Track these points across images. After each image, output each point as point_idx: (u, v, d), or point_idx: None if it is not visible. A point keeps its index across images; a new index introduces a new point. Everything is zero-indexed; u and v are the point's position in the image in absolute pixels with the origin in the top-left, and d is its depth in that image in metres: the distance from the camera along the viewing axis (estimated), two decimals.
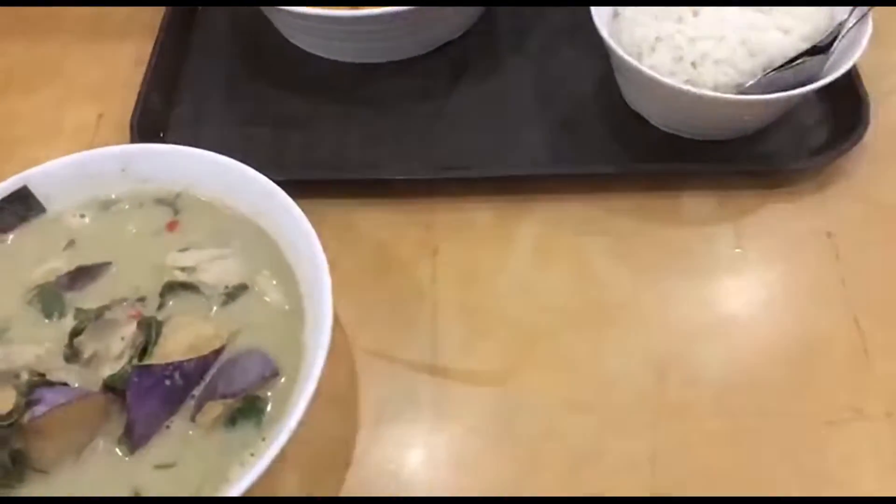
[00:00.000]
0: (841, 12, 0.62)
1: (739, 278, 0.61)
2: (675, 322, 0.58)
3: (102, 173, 0.57)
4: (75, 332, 0.49)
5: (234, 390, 0.48)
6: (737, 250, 0.62)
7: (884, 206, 0.63)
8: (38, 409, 0.45)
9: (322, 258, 0.50)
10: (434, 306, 0.59)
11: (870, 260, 0.60)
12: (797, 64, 0.60)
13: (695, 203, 0.64)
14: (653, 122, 0.66)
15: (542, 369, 0.56)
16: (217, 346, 0.49)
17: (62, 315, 0.51)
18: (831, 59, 0.61)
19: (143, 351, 0.49)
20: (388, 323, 0.59)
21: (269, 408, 0.48)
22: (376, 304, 0.60)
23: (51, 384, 0.47)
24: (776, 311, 0.59)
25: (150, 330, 0.50)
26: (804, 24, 0.61)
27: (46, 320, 0.51)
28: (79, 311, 0.51)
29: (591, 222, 0.63)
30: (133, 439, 0.46)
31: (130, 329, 0.50)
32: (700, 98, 0.59)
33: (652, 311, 0.59)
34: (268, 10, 0.70)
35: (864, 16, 0.61)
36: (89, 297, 0.52)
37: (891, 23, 0.66)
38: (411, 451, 0.54)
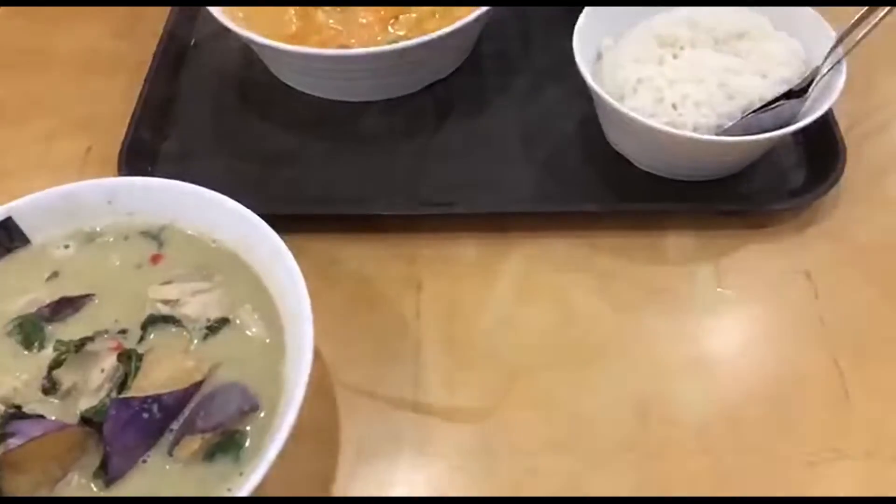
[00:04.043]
0: (817, 58, 0.64)
1: (720, 317, 0.61)
2: (657, 360, 0.58)
3: (88, 206, 0.57)
4: (54, 364, 0.49)
5: (213, 424, 0.47)
6: (718, 290, 0.62)
7: (861, 248, 0.64)
8: (13, 442, 0.44)
9: (304, 292, 0.50)
10: (417, 342, 0.60)
11: (848, 300, 0.61)
12: (774, 107, 0.61)
13: (676, 242, 0.65)
14: (635, 163, 0.67)
15: (523, 407, 0.56)
16: (197, 379, 0.49)
17: (42, 346, 0.51)
18: (808, 103, 0.63)
19: (123, 384, 0.49)
20: (371, 358, 0.59)
21: (247, 442, 0.48)
22: (359, 338, 0.60)
23: (26, 417, 0.47)
24: (756, 350, 0.59)
25: (130, 362, 0.50)
26: (781, 69, 0.63)
27: (26, 351, 0.51)
28: (59, 342, 0.50)
29: (574, 260, 0.64)
30: (109, 473, 0.46)
31: (111, 361, 0.50)
32: (680, 139, 0.60)
33: (633, 350, 0.59)
34: (257, 48, 0.72)
35: (838, 62, 0.62)
36: (70, 329, 0.52)
37: (866, 70, 0.68)
38: (391, 489, 0.53)
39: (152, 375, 0.49)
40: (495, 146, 0.70)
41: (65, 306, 0.53)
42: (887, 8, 0.62)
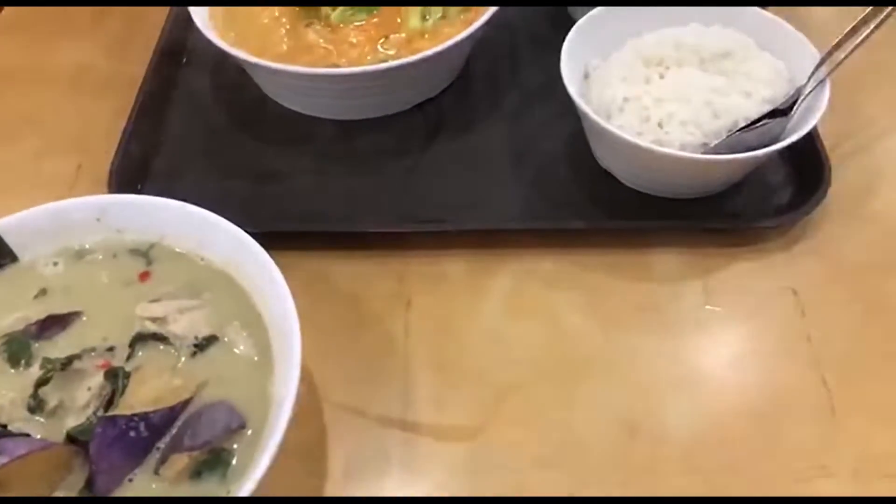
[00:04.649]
0: (800, 78, 0.65)
1: (708, 335, 0.61)
2: (645, 378, 0.58)
3: (77, 223, 0.57)
4: (41, 382, 0.49)
5: (200, 442, 0.47)
6: (706, 307, 0.62)
7: (847, 265, 0.64)
8: None
9: (292, 309, 0.50)
10: (406, 359, 0.60)
11: (834, 317, 0.61)
12: (759, 126, 0.62)
13: (664, 260, 0.65)
14: (622, 180, 0.68)
15: (512, 424, 0.56)
16: (184, 397, 0.49)
17: (29, 364, 0.51)
18: (792, 121, 0.64)
19: (110, 402, 0.49)
20: (360, 376, 0.59)
21: (234, 461, 0.48)
22: (348, 356, 0.60)
23: (12, 435, 0.46)
24: (744, 368, 0.60)
25: (117, 380, 0.49)
26: (765, 89, 0.64)
27: (12, 370, 0.51)
28: (46, 360, 0.50)
29: (562, 277, 0.64)
30: (94, 492, 0.46)
31: (98, 379, 0.50)
32: (667, 157, 0.61)
33: (622, 367, 0.59)
34: (248, 67, 0.72)
35: (821, 81, 0.63)
36: (58, 347, 0.52)
37: (849, 89, 0.69)
38: None
39: (140, 393, 0.49)
40: (484, 164, 0.71)
41: (52, 324, 0.53)
42: (870, 28, 0.63)
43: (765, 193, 0.68)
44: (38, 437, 0.48)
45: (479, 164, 0.71)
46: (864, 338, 0.60)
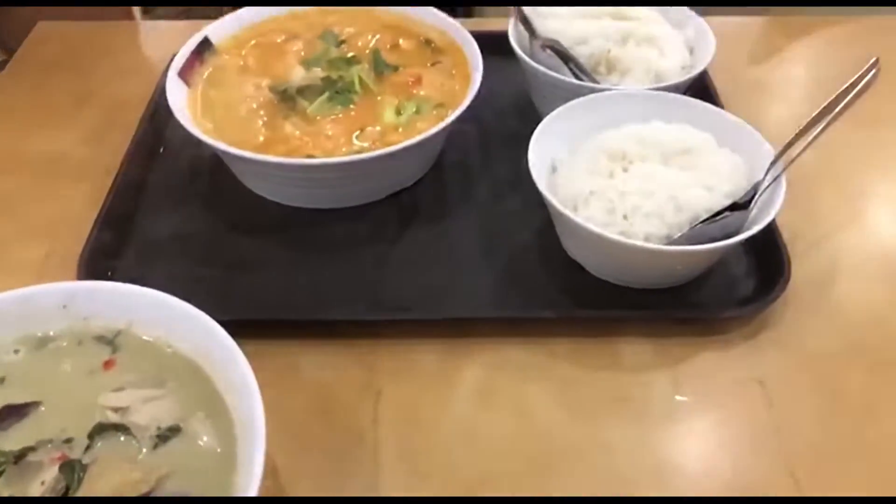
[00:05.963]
0: (758, 173, 0.67)
1: (677, 426, 0.61)
2: (616, 469, 0.58)
3: (42, 310, 0.56)
4: None
5: None
6: (676, 397, 0.63)
7: (811, 355, 0.65)
8: None
9: (258, 401, 0.49)
10: (375, 451, 0.59)
11: (801, 408, 0.62)
12: (720, 219, 0.64)
13: (632, 349, 0.65)
14: (590, 271, 0.69)
15: None
16: (143, 490, 0.47)
17: None
18: (752, 215, 0.66)
19: (65, 496, 0.47)
20: (328, 469, 0.57)
21: None
22: (316, 448, 0.59)
23: None
24: (713, 459, 0.59)
25: (72, 473, 0.48)
26: (725, 183, 0.66)
27: None
28: None
29: (533, 367, 0.64)
30: None
31: (52, 473, 0.48)
32: (632, 248, 0.62)
33: (592, 458, 0.58)
34: (225, 157, 0.73)
35: (778, 177, 0.66)
36: (13, 438, 0.50)
37: (804, 184, 0.72)
38: None
39: (96, 487, 0.47)
40: (456, 254, 0.72)
41: (9, 415, 0.51)
42: (822, 126, 0.66)
43: (729, 284, 0.69)
44: None
45: (451, 253, 0.72)
46: (830, 429, 0.60)
